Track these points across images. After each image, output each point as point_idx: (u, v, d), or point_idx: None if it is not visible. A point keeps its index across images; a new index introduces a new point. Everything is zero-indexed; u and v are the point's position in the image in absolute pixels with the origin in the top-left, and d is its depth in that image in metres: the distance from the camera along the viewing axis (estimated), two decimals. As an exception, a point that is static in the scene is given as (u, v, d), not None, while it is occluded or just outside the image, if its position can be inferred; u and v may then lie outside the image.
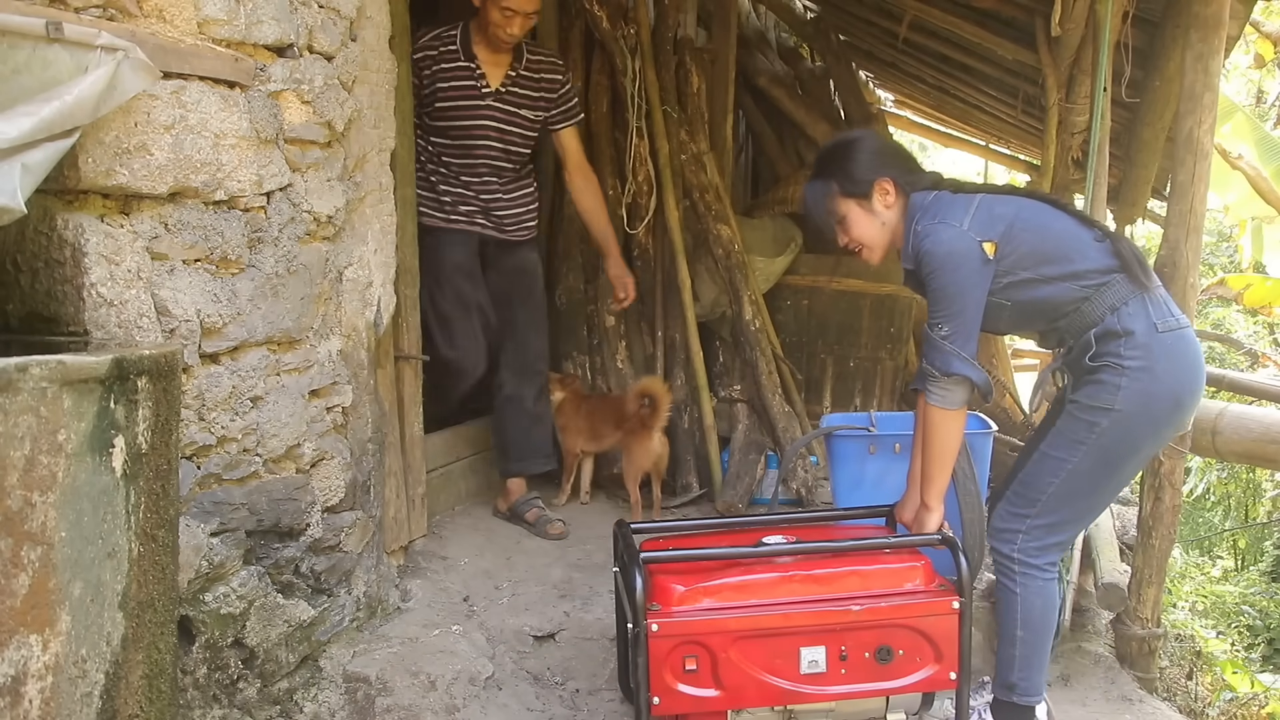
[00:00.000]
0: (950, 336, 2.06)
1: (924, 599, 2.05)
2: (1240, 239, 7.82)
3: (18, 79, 1.44)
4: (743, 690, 2.03)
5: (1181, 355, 2.03)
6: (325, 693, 2.23)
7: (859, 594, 2.07)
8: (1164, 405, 2.03)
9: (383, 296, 2.53)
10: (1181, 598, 6.46)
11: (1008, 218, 2.08)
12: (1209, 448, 2.85)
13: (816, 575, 2.08)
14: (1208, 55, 2.43)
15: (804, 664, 2.04)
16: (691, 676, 2.02)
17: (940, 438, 2.14)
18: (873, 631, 2.03)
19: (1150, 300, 2.04)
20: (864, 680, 2.05)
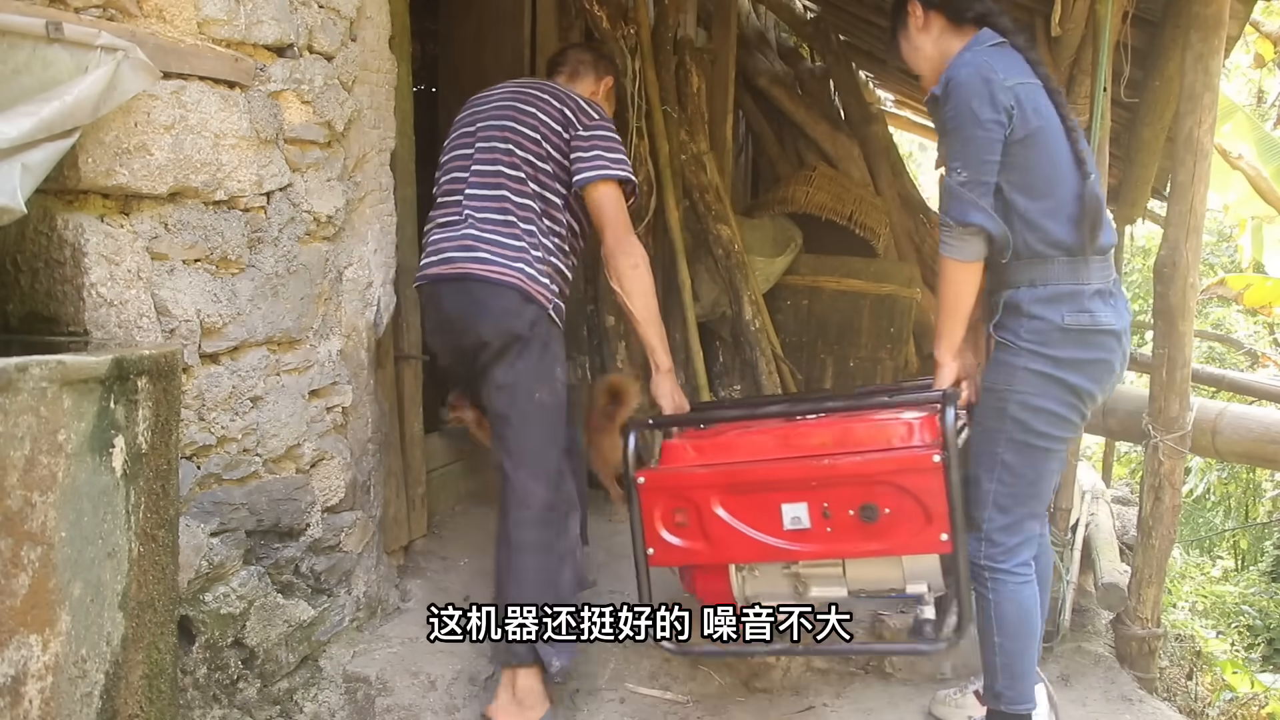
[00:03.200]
0: (968, 184, 1.95)
1: (899, 453, 1.99)
2: (1240, 239, 7.82)
3: (18, 79, 1.44)
4: (729, 544, 2.08)
5: (1086, 350, 1.98)
6: (325, 693, 2.23)
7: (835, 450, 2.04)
8: (1062, 395, 2.00)
9: (383, 296, 2.53)
10: (1181, 598, 6.46)
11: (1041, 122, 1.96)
12: (1209, 448, 2.85)
13: (801, 433, 2.09)
14: (1208, 55, 2.43)
15: (786, 520, 2.05)
16: (682, 530, 2.11)
17: (952, 291, 2.05)
18: (854, 488, 2.00)
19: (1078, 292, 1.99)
20: (851, 539, 2.03)
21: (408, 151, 2.83)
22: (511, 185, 2.35)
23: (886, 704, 2.44)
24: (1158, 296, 2.54)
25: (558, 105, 2.43)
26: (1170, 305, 2.49)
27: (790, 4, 5.24)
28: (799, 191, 4.46)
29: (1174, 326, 2.50)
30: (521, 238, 2.31)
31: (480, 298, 2.27)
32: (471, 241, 2.30)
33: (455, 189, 2.39)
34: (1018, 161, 1.95)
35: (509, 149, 2.38)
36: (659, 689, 2.50)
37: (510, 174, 2.36)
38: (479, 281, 2.26)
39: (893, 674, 2.55)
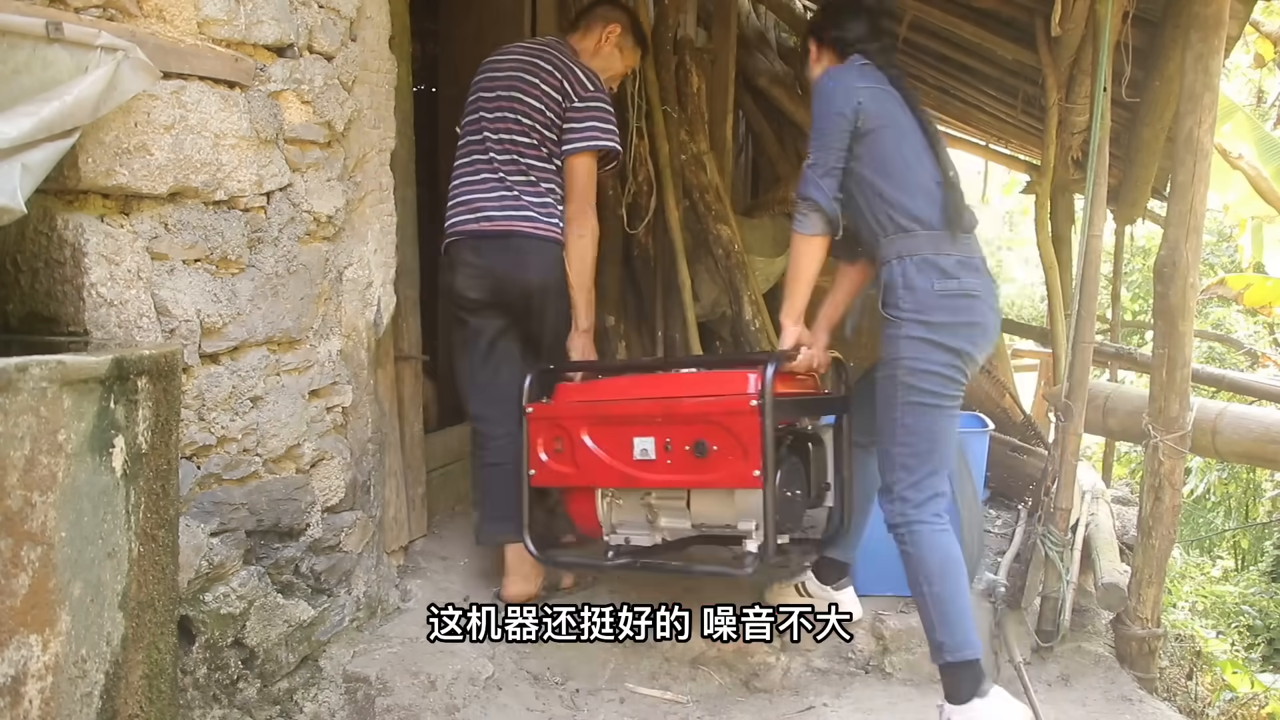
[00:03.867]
0: (812, 165, 2.30)
1: (725, 398, 2.28)
2: (1240, 239, 7.82)
3: (18, 79, 1.44)
4: (591, 469, 2.43)
5: (957, 314, 2.22)
6: (325, 693, 2.23)
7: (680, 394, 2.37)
8: (942, 355, 2.21)
9: (383, 296, 2.53)
10: (1181, 598, 6.46)
11: (888, 115, 2.31)
12: (1209, 448, 2.85)
13: (658, 380, 2.49)
14: (1208, 55, 2.42)
15: (636, 451, 2.37)
16: (557, 455, 2.48)
17: (795, 261, 2.38)
18: (689, 426, 2.30)
19: (941, 262, 2.23)
20: (685, 471, 2.32)
21: (408, 151, 2.83)
22: (528, 152, 2.68)
23: (886, 704, 2.44)
24: (1158, 296, 2.54)
25: (558, 78, 2.71)
26: (1170, 305, 2.49)
27: (790, 4, 5.24)
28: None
29: (1174, 326, 2.50)
30: (546, 196, 2.67)
31: (525, 251, 2.64)
32: (510, 200, 2.65)
33: (481, 151, 2.71)
34: (870, 150, 2.29)
35: (518, 119, 2.68)
36: (659, 689, 2.50)
37: (524, 141, 2.68)
38: (523, 237, 2.63)
39: (893, 674, 2.55)
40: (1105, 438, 4.31)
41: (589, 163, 2.71)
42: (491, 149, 2.70)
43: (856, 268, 2.57)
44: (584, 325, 2.74)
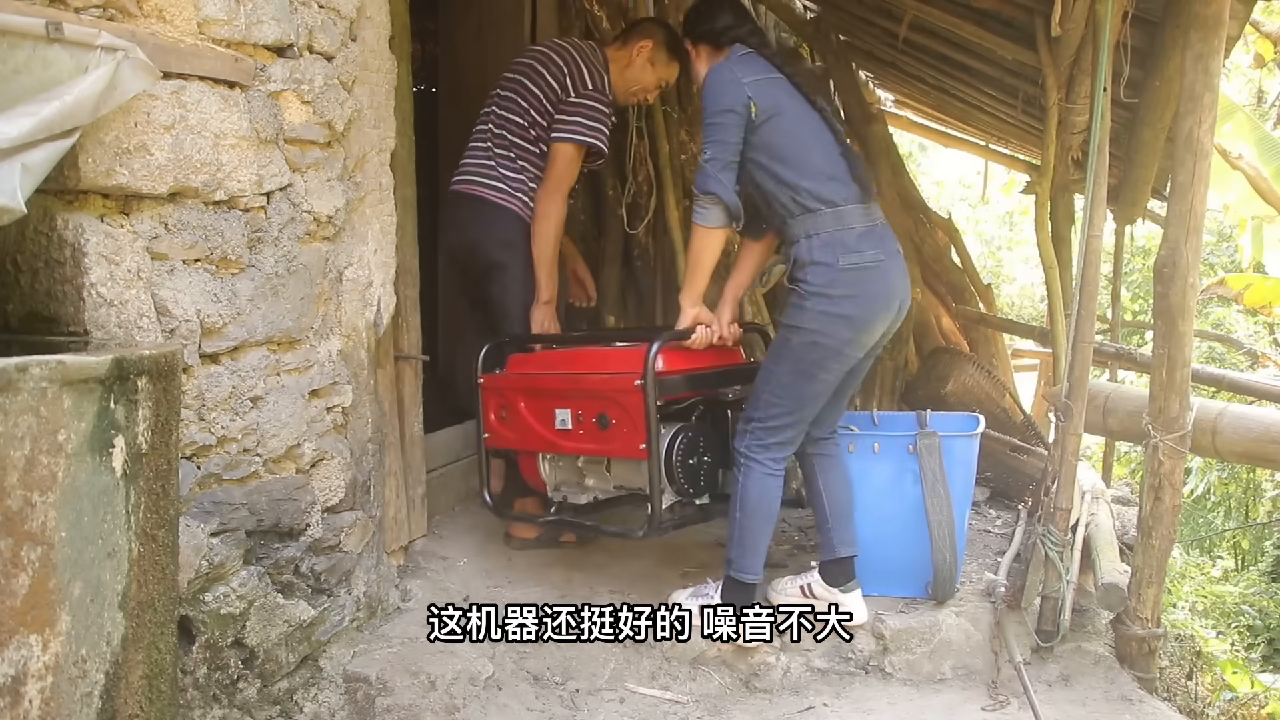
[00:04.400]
0: (710, 161, 2.43)
1: (615, 375, 2.53)
2: (1240, 239, 7.82)
3: (18, 79, 1.44)
4: (526, 435, 2.75)
5: (860, 286, 2.37)
6: (325, 693, 2.23)
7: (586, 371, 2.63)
8: (842, 329, 2.38)
9: (383, 296, 2.53)
10: (1181, 598, 6.46)
11: (777, 103, 2.43)
12: (1209, 448, 2.85)
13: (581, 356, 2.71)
14: (1208, 55, 2.42)
15: (557, 421, 2.67)
16: (503, 422, 2.81)
17: (696, 250, 2.54)
18: (593, 401, 2.58)
19: (845, 237, 2.39)
20: (592, 441, 2.61)
21: (408, 151, 2.83)
22: (517, 132, 3.02)
23: (886, 704, 2.44)
24: (1158, 296, 2.54)
25: (563, 72, 3.00)
26: (1170, 305, 2.49)
27: (790, 4, 5.24)
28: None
29: (1174, 326, 2.49)
30: (520, 173, 3.01)
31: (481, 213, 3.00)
32: (487, 169, 3.03)
33: (484, 125, 3.09)
34: (765, 139, 2.41)
35: (518, 101, 3.02)
36: (659, 689, 2.50)
37: (518, 121, 3.02)
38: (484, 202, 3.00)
39: (893, 674, 2.55)
40: (1105, 438, 4.31)
41: (568, 152, 2.97)
42: (491, 124, 3.06)
43: (761, 243, 2.72)
44: (544, 297, 3.02)
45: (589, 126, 2.97)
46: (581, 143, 2.96)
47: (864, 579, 2.78)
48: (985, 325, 5.16)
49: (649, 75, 3.13)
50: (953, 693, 2.50)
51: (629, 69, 3.11)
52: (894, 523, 2.70)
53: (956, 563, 2.65)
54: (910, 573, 2.71)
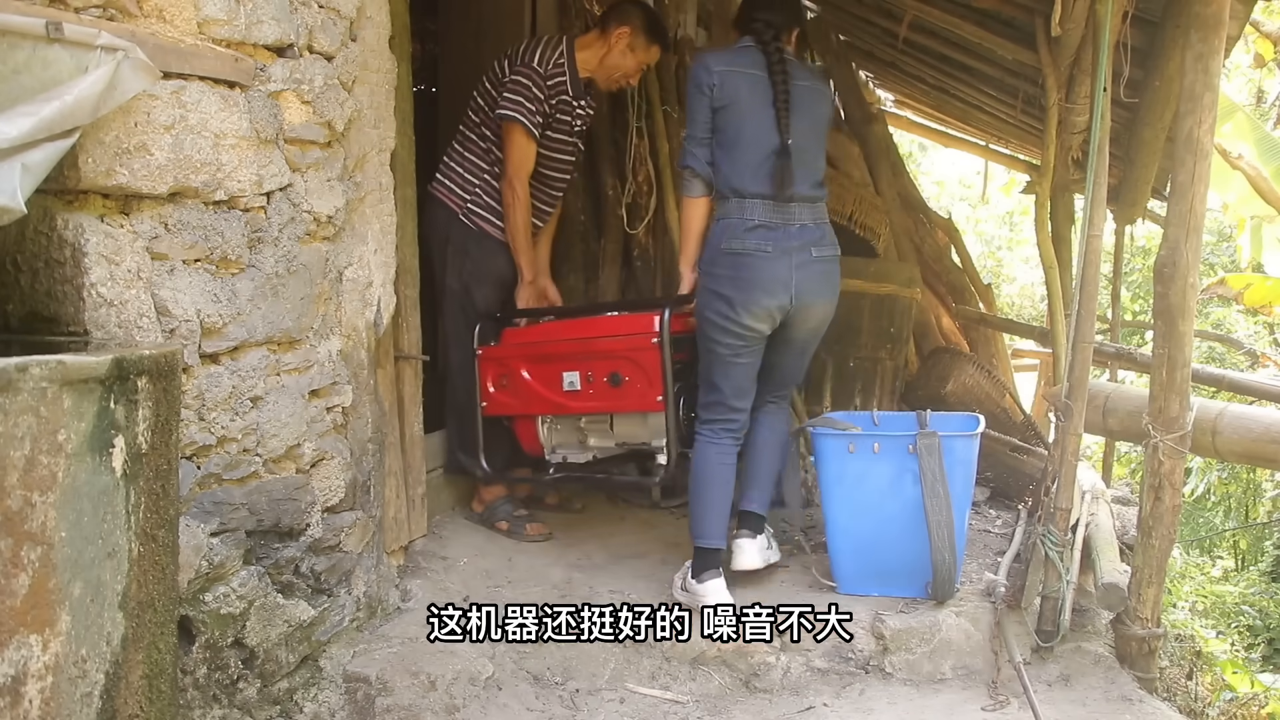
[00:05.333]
0: (688, 138, 2.72)
1: (633, 336, 2.78)
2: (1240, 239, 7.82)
3: (18, 79, 1.44)
4: (530, 399, 2.95)
5: (738, 271, 2.60)
6: (325, 693, 2.23)
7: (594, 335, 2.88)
8: (719, 307, 2.62)
9: (383, 296, 2.53)
10: (1181, 598, 6.46)
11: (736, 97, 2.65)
12: (1209, 448, 2.84)
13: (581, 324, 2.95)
14: (1208, 55, 2.42)
15: (565, 384, 2.90)
16: (502, 389, 3.01)
17: (684, 219, 2.82)
18: (606, 361, 2.82)
19: (743, 224, 2.61)
20: (604, 399, 2.85)
21: (408, 151, 2.83)
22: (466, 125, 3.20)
23: (886, 704, 2.44)
24: (1158, 296, 2.54)
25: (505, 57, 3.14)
26: (1170, 305, 2.49)
27: (790, 4, 5.23)
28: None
29: (1174, 326, 2.49)
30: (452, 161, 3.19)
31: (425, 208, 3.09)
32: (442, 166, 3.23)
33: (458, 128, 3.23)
34: (718, 124, 2.67)
35: (474, 97, 3.19)
36: (659, 689, 2.50)
37: (468, 116, 3.20)
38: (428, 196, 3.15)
39: (893, 674, 2.55)
40: (1105, 438, 4.31)
41: (509, 133, 3.05)
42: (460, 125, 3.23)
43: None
44: (526, 277, 3.19)
45: (511, 100, 3.03)
46: (503, 117, 3.03)
47: (864, 579, 2.78)
48: (985, 325, 5.16)
49: (629, 60, 3.18)
50: (953, 693, 2.50)
51: (609, 56, 3.16)
52: (894, 523, 2.70)
53: (956, 563, 2.65)
54: (910, 573, 2.71)
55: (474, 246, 3.17)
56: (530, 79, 3.05)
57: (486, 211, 3.17)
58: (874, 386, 4.24)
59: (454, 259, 3.17)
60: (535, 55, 3.09)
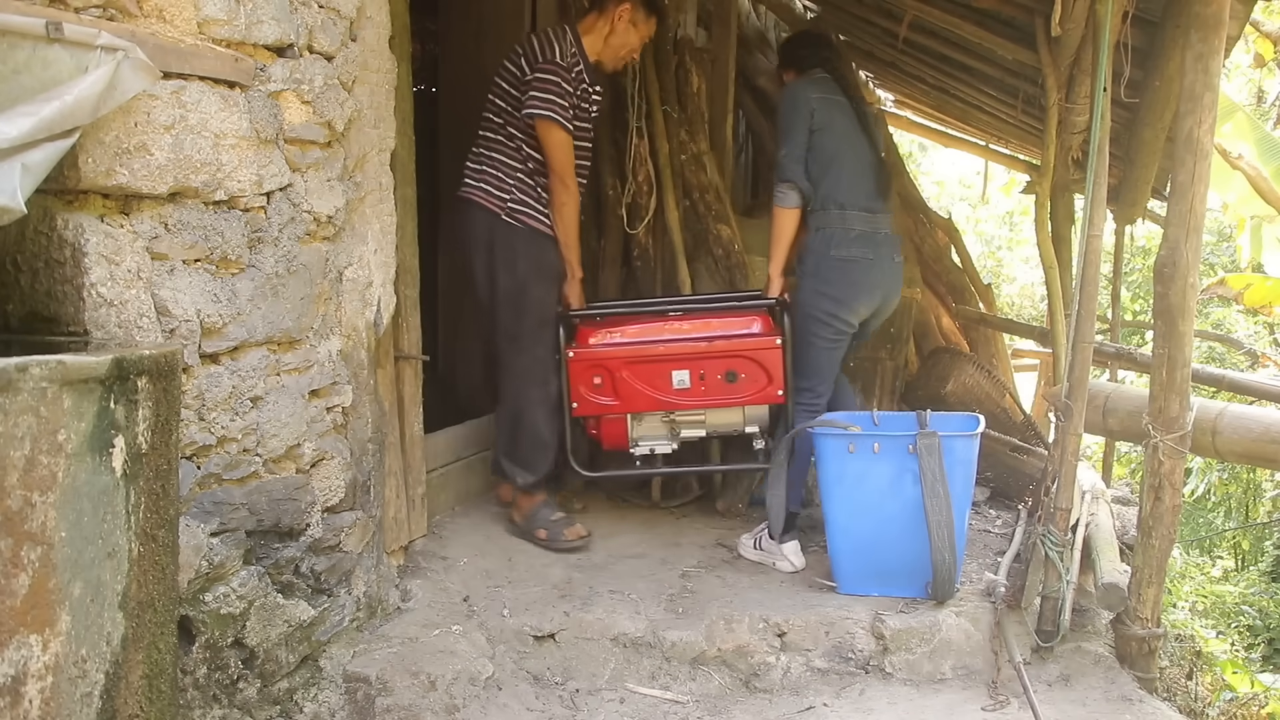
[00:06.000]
0: (786, 155, 3.06)
1: (757, 338, 3.06)
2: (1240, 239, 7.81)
3: (18, 79, 1.44)
4: (634, 399, 3.06)
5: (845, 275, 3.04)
6: (325, 693, 2.23)
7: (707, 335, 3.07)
8: (826, 306, 3.04)
9: (383, 296, 2.53)
10: (1181, 598, 6.46)
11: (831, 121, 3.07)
12: (1209, 448, 2.84)
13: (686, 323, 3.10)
14: (1208, 55, 2.42)
15: (674, 382, 3.05)
16: (598, 390, 3.07)
17: (778, 228, 3.12)
18: (722, 360, 3.04)
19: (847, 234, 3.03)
20: (718, 395, 3.06)
21: (408, 151, 2.83)
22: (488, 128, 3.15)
23: (886, 704, 2.44)
24: (1158, 296, 2.54)
25: (523, 54, 3.10)
26: (1170, 305, 2.49)
27: (790, 4, 5.24)
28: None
29: (1174, 326, 2.49)
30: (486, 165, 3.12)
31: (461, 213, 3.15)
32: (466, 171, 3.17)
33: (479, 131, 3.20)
34: (815, 144, 3.05)
35: (491, 99, 3.15)
36: (659, 689, 2.50)
37: (489, 118, 3.15)
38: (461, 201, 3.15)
39: (893, 674, 2.55)
40: (1105, 438, 4.31)
41: (545, 132, 3.04)
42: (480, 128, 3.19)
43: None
44: (578, 274, 3.22)
45: (541, 99, 3.02)
46: (539, 117, 3.01)
47: (864, 579, 2.78)
48: (985, 325, 5.16)
49: (633, 36, 3.21)
50: (953, 693, 2.50)
51: (612, 35, 3.18)
52: (894, 523, 2.70)
53: (956, 563, 2.65)
54: (910, 573, 2.71)
55: (524, 244, 3.10)
56: (558, 75, 3.04)
57: (530, 209, 3.12)
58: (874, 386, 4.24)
59: (504, 260, 3.09)
60: (555, 50, 3.06)
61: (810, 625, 2.60)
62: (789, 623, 2.60)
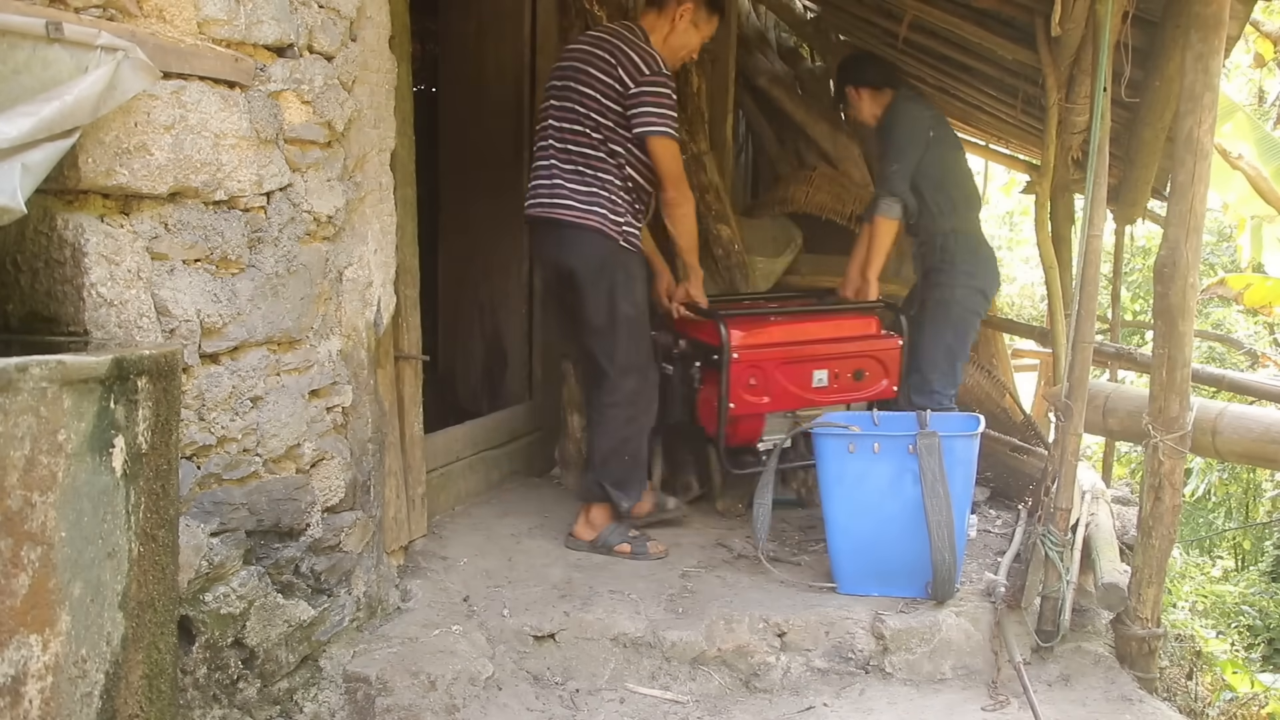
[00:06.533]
0: (895, 171, 3.31)
1: (884, 339, 3.37)
2: (1240, 239, 7.81)
3: (18, 79, 1.44)
4: (784, 397, 3.23)
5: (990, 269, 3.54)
6: (325, 693, 2.23)
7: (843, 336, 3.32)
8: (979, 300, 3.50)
9: (383, 296, 2.53)
10: (1181, 598, 6.46)
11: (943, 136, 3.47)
12: (1209, 448, 2.84)
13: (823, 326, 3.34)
14: (1208, 55, 2.42)
15: (814, 381, 3.26)
16: (753, 389, 3.18)
17: (880, 237, 3.38)
18: (853, 360, 3.30)
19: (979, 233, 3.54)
20: (846, 391, 3.32)
21: (408, 151, 2.83)
22: (581, 141, 2.98)
23: (886, 704, 2.44)
24: (1158, 296, 2.54)
25: (615, 62, 2.95)
26: (1170, 305, 2.49)
27: (790, 4, 5.24)
28: (799, 191, 4.46)
29: (1174, 326, 2.49)
30: (592, 184, 2.98)
31: (563, 237, 3.00)
32: (555, 189, 3.00)
33: (544, 140, 3.06)
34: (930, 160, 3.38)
35: (574, 108, 2.98)
36: (659, 689, 2.50)
37: (577, 129, 2.98)
38: (563, 224, 2.99)
39: (893, 674, 2.55)
40: (1105, 438, 4.31)
41: (654, 147, 2.97)
42: (552, 139, 3.03)
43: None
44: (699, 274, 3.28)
45: (658, 114, 2.94)
46: (659, 134, 2.94)
47: (864, 579, 2.78)
48: (985, 325, 5.15)
49: (694, 36, 3.11)
50: (953, 693, 2.50)
51: (672, 35, 3.07)
52: (894, 523, 2.70)
53: (956, 563, 2.65)
54: (910, 573, 2.71)
55: (639, 269, 3.09)
56: (669, 87, 2.98)
57: (636, 231, 3.07)
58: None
59: (624, 285, 3.01)
60: (653, 59, 2.95)
61: (810, 625, 2.60)
62: (789, 623, 2.60)
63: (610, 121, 2.96)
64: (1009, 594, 2.66)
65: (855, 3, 4.52)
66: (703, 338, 3.28)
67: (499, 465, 3.75)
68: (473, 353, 4.36)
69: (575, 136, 2.99)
